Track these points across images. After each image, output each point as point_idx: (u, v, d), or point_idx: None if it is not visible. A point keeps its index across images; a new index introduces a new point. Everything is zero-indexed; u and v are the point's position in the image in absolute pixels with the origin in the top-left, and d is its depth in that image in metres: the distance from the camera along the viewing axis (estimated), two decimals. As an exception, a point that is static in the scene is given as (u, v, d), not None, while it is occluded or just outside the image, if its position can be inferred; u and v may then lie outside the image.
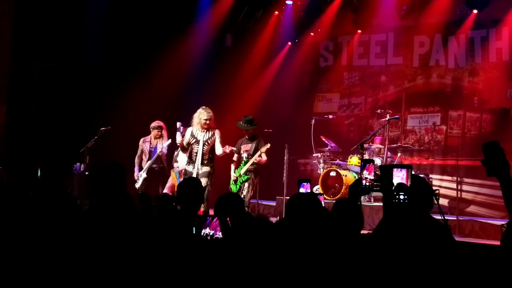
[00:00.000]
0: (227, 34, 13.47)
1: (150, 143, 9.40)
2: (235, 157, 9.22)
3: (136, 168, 9.36)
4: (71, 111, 10.95)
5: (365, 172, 3.11)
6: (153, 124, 9.43)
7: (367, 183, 3.09)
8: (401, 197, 2.81)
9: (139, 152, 9.47)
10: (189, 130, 8.31)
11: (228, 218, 3.40)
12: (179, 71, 11.80)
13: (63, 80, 10.82)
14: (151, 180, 9.31)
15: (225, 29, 12.98)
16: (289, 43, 13.42)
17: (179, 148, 8.55)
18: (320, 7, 12.64)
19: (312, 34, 13.15)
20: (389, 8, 11.92)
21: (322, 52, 13.51)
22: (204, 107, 8.39)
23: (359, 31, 12.64)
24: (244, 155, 9.03)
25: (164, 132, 9.40)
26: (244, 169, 8.95)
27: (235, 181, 9.11)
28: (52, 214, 3.51)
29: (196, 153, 8.21)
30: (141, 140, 9.50)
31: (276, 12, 13.05)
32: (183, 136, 8.23)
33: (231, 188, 9.20)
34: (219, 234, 3.18)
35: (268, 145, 8.92)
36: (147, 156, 9.38)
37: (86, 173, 9.89)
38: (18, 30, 9.83)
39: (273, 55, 13.41)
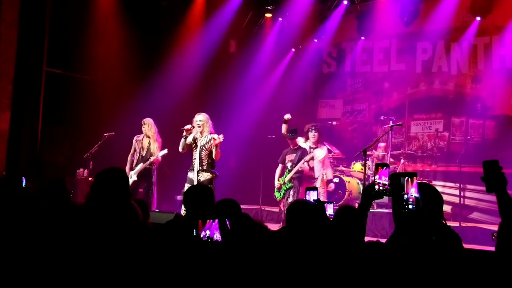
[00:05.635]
0: (231, 40, 13.51)
1: (142, 142, 9.21)
2: (279, 167, 9.50)
3: (127, 167, 9.16)
4: (75, 117, 10.98)
5: (377, 176, 3.07)
6: (143, 120, 9.27)
7: (381, 188, 3.06)
8: (410, 206, 2.78)
9: (132, 150, 9.32)
10: (192, 135, 8.18)
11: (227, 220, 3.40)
12: (182, 76, 11.83)
13: (68, 86, 10.86)
14: (137, 183, 9.12)
15: (229, 35, 13.01)
16: (293, 50, 13.46)
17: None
18: (323, 14, 12.69)
19: (315, 40, 13.19)
20: (392, 15, 11.97)
21: (325, 58, 13.55)
22: (200, 113, 8.26)
23: (363, 37, 12.69)
24: (289, 164, 9.27)
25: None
26: (288, 177, 9.17)
27: (279, 189, 9.31)
28: (54, 218, 3.52)
29: (195, 158, 8.03)
30: (135, 138, 9.34)
31: (280, 19, 13.09)
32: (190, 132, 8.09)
33: (275, 196, 9.43)
34: (217, 237, 3.18)
35: (312, 154, 9.07)
36: (138, 155, 9.22)
37: (90, 178, 9.90)
38: (23, 36, 9.87)
39: (277, 61, 13.45)
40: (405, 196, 2.78)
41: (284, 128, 9.31)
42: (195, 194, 4.09)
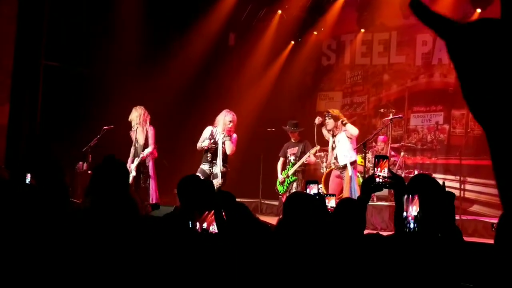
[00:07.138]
0: (230, 33, 13.47)
1: (136, 133, 9.08)
2: (280, 161, 9.46)
3: (129, 160, 8.98)
4: (74, 110, 10.94)
5: (378, 168, 3.04)
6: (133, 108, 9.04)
7: (380, 180, 3.03)
8: (411, 225, 2.73)
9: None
10: (208, 129, 8.38)
11: (223, 212, 3.36)
12: (182, 70, 11.77)
13: (66, 79, 10.82)
14: (137, 177, 8.98)
15: (228, 28, 12.97)
16: (292, 42, 13.41)
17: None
18: (323, 6, 12.64)
19: (315, 33, 13.14)
20: (392, 7, 11.91)
21: (325, 51, 13.51)
22: (229, 110, 8.47)
23: (362, 30, 12.64)
24: (292, 158, 9.22)
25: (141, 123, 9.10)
26: (292, 170, 9.13)
27: (282, 182, 9.24)
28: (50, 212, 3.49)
29: (212, 153, 8.32)
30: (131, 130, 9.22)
31: (279, 11, 13.04)
32: (210, 139, 8.34)
33: (277, 189, 9.36)
34: (213, 229, 3.15)
35: (318, 147, 9.03)
36: (134, 148, 9.07)
37: (89, 172, 9.85)
38: (22, 30, 9.82)
39: (276, 54, 13.40)
40: (404, 213, 2.71)
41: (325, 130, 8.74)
42: (188, 185, 4.05)
